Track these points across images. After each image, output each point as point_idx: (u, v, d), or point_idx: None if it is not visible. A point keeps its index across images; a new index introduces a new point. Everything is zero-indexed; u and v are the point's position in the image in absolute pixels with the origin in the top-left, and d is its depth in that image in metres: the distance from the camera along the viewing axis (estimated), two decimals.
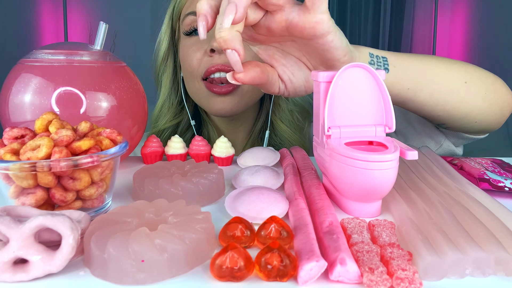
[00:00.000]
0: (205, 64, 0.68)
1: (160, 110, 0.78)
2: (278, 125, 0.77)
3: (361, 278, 0.27)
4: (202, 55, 0.68)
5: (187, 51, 0.70)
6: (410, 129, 0.66)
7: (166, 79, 0.77)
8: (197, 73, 0.69)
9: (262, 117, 0.80)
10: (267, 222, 0.33)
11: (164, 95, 0.78)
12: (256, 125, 0.80)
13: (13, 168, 0.33)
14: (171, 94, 0.78)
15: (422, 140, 0.65)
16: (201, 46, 0.68)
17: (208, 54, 0.67)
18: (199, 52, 0.68)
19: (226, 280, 0.28)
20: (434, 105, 0.52)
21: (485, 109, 0.54)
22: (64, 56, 0.48)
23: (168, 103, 0.78)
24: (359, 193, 0.37)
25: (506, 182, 0.44)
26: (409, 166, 0.48)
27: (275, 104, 0.77)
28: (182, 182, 0.41)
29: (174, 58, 0.77)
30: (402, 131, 0.67)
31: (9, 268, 0.28)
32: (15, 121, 0.47)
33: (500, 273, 0.29)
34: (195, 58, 0.68)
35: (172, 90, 0.77)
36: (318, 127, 0.42)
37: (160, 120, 0.78)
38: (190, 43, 0.70)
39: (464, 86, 0.52)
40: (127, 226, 0.31)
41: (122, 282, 0.28)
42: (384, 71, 0.41)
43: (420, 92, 0.50)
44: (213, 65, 0.66)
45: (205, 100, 0.70)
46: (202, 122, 0.81)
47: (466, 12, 2.58)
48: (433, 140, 0.64)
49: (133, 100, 0.52)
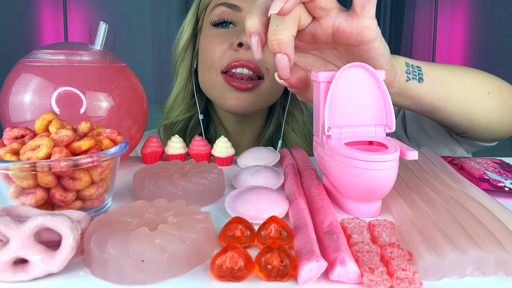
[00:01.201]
0: (228, 57, 0.66)
1: (175, 100, 0.77)
2: (290, 135, 0.76)
3: (361, 278, 0.27)
4: (227, 48, 0.67)
5: (211, 41, 0.68)
6: (425, 137, 0.67)
7: (184, 68, 0.76)
8: (218, 65, 0.67)
9: (272, 124, 0.79)
10: (267, 222, 0.33)
11: (180, 84, 0.76)
12: (266, 131, 0.79)
13: (13, 168, 0.33)
14: (187, 84, 0.76)
15: (437, 148, 0.66)
16: (228, 39, 0.67)
17: (234, 47, 0.65)
18: (225, 44, 0.67)
19: (226, 280, 0.28)
20: (460, 115, 0.52)
21: (504, 119, 0.55)
22: (64, 56, 0.48)
23: (184, 93, 0.76)
24: (359, 193, 0.37)
25: (506, 182, 0.44)
26: (409, 166, 0.48)
27: (289, 114, 0.77)
28: (182, 182, 0.41)
29: (193, 48, 0.75)
30: (417, 138, 0.68)
31: (9, 268, 0.28)
32: (15, 121, 0.47)
33: (500, 273, 0.29)
34: (219, 49, 0.67)
35: (188, 80, 0.76)
36: (318, 127, 0.42)
37: (174, 111, 0.77)
38: (216, 33, 0.68)
39: (487, 96, 0.53)
40: (127, 226, 0.31)
41: (122, 282, 0.28)
42: (384, 71, 0.41)
43: (449, 101, 0.50)
44: (238, 59, 0.65)
45: (221, 94, 0.68)
46: (209, 120, 0.80)
47: (466, 12, 2.58)
48: (447, 147, 0.65)
49: (133, 100, 0.52)
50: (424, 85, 0.48)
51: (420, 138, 0.67)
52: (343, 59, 0.45)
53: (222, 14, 0.67)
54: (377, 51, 0.41)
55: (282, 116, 0.78)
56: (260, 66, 0.66)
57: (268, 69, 0.67)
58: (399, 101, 0.49)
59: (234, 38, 0.66)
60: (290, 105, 0.76)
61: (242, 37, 0.64)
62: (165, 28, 2.86)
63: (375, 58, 0.42)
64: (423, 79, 0.48)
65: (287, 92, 0.76)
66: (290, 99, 0.76)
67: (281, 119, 0.78)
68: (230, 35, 0.67)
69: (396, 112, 0.75)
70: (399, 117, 0.73)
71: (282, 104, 0.78)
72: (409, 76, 0.47)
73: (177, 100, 0.77)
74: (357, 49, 0.41)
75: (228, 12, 0.67)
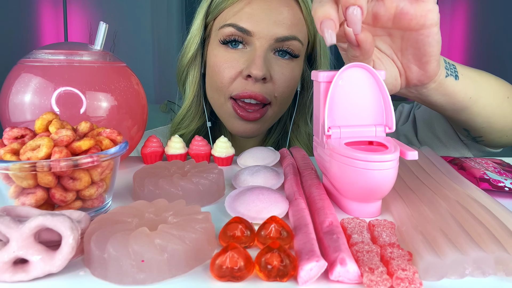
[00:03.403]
0: (237, 86, 0.66)
1: (187, 112, 0.75)
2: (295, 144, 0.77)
3: (361, 278, 0.27)
4: (236, 75, 0.66)
5: (221, 65, 0.66)
6: (436, 141, 0.67)
7: (193, 80, 0.73)
8: (227, 91, 0.67)
9: (277, 131, 0.79)
10: (267, 222, 0.33)
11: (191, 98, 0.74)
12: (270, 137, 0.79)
13: (13, 168, 0.33)
14: (197, 96, 0.74)
15: (448, 153, 0.67)
16: (236, 65, 0.65)
17: (243, 76, 0.65)
18: (234, 71, 0.66)
19: (226, 280, 0.28)
20: (483, 117, 0.53)
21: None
22: (64, 56, 0.48)
23: (196, 105, 0.74)
24: (359, 193, 0.37)
25: (506, 182, 0.44)
26: (409, 166, 0.48)
27: (295, 124, 0.77)
28: (182, 182, 0.41)
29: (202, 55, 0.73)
30: (428, 142, 0.68)
31: (9, 268, 0.28)
32: (15, 121, 0.47)
33: (500, 273, 0.29)
34: (228, 76, 0.66)
35: (198, 92, 0.74)
36: (318, 127, 0.42)
37: (187, 122, 0.75)
38: (225, 57, 0.66)
39: (506, 101, 0.54)
40: (127, 226, 0.31)
41: (122, 282, 0.28)
42: (384, 71, 0.41)
43: (478, 102, 0.51)
44: (247, 91, 0.64)
45: (228, 119, 0.69)
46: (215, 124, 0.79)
47: (466, 12, 2.58)
48: (458, 152, 0.66)
49: (133, 100, 0.52)
50: (459, 83, 0.48)
51: (431, 142, 0.68)
52: (395, 48, 0.44)
53: (232, 35, 0.65)
54: (435, 37, 0.41)
55: (289, 123, 0.78)
56: (268, 96, 0.66)
57: (277, 97, 0.67)
58: (434, 98, 0.49)
59: (243, 65, 0.65)
60: (296, 114, 0.76)
61: (251, 70, 0.63)
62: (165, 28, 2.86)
63: (432, 45, 0.41)
64: (459, 76, 0.48)
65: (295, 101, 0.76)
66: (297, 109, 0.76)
67: (288, 126, 0.78)
68: (239, 61, 0.65)
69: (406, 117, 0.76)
70: (410, 121, 0.74)
71: (290, 112, 0.78)
72: (448, 72, 0.47)
73: (189, 112, 0.75)
74: (416, 34, 0.41)
75: (238, 34, 0.65)
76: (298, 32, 0.67)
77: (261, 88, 0.65)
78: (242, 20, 0.65)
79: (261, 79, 0.64)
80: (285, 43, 0.65)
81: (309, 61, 0.75)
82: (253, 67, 0.63)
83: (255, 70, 0.63)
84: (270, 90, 0.66)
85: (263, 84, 0.65)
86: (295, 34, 0.66)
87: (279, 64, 0.67)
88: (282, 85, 0.67)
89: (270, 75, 0.65)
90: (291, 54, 0.67)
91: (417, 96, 0.49)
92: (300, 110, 0.77)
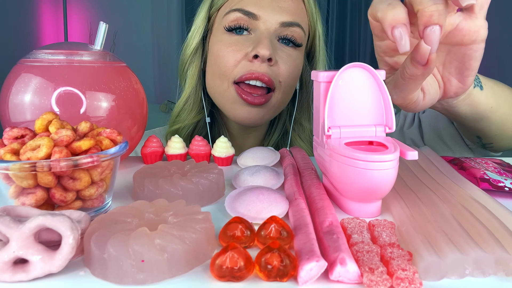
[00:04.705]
0: (242, 68, 0.65)
1: (185, 104, 0.75)
2: (297, 143, 0.76)
3: (361, 278, 0.27)
4: (241, 58, 0.65)
5: (225, 49, 0.66)
6: (442, 145, 0.68)
7: (194, 70, 0.73)
8: (231, 75, 0.65)
9: (277, 130, 0.78)
10: (267, 222, 0.33)
11: (190, 88, 0.74)
12: (271, 137, 0.79)
13: (13, 168, 0.33)
14: (197, 88, 0.74)
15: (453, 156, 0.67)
16: (242, 48, 0.65)
17: (249, 58, 0.64)
18: (239, 54, 0.65)
19: (226, 280, 0.28)
20: (499, 125, 0.54)
21: None
22: (64, 56, 0.48)
23: (194, 97, 0.74)
24: (359, 193, 0.37)
25: (506, 182, 0.44)
26: (409, 166, 0.48)
27: (297, 122, 0.76)
28: (182, 182, 0.41)
29: (203, 51, 0.73)
30: (434, 147, 0.68)
31: (9, 268, 0.28)
32: (15, 121, 0.47)
33: (500, 273, 0.29)
34: (233, 59, 0.65)
35: (198, 84, 0.74)
36: (318, 127, 0.42)
37: (184, 115, 0.75)
38: (230, 41, 0.66)
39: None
40: (127, 226, 0.31)
41: (122, 282, 0.28)
42: (384, 71, 0.41)
43: (497, 111, 0.52)
44: (253, 72, 0.63)
45: (231, 105, 0.67)
46: (214, 122, 0.79)
47: None
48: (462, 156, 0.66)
49: (133, 100, 0.52)
50: (483, 93, 0.49)
51: (438, 146, 0.68)
52: (438, 61, 0.44)
53: (238, 20, 0.65)
54: (481, 51, 0.41)
55: (289, 123, 0.77)
56: (274, 79, 0.65)
57: (281, 82, 0.67)
58: (460, 108, 0.49)
59: (249, 48, 0.64)
60: (297, 113, 0.76)
61: (258, 49, 0.62)
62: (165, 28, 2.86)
63: (478, 59, 0.42)
64: (483, 87, 0.50)
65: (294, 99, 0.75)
66: (297, 107, 0.76)
67: (288, 126, 0.77)
68: (244, 44, 0.65)
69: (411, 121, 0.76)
70: (415, 126, 0.74)
71: (288, 111, 0.78)
72: (475, 82, 0.48)
73: (187, 104, 0.74)
74: (465, 48, 0.41)
75: (244, 19, 0.65)
76: (301, 21, 0.67)
77: (267, 69, 0.64)
78: (248, 5, 0.65)
79: (267, 60, 0.64)
80: (290, 29, 0.66)
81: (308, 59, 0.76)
82: (260, 46, 0.62)
83: (262, 50, 0.62)
84: (276, 73, 0.65)
85: (269, 66, 0.64)
86: (298, 22, 0.66)
87: (283, 51, 0.67)
88: (287, 70, 0.67)
89: (275, 59, 0.65)
90: (294, 42, 0.67)
91: (445, 108, 0.50)
92: (302, 108, 0.77)
